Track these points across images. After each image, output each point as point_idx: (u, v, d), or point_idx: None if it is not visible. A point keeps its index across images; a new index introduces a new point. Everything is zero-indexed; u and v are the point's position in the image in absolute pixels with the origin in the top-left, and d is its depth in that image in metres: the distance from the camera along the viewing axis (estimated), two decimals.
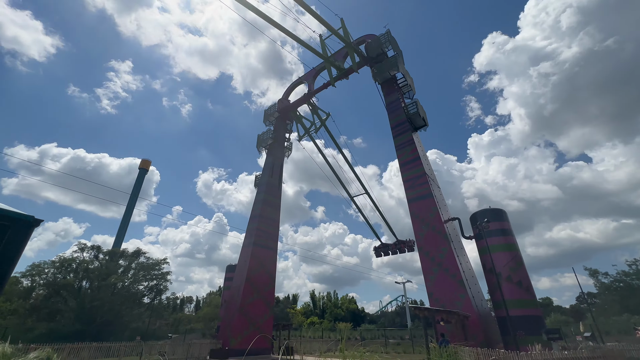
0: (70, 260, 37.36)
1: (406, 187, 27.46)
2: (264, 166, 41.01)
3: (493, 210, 24.72)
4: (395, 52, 34.64)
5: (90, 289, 36.53)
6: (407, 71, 34.97)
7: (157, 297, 43.04)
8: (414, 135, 30.21)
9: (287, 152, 44.37)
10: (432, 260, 23.07)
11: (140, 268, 41.30)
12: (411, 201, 26.43)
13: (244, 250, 33.76)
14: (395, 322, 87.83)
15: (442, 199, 27.88)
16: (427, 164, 28.81)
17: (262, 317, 30.11)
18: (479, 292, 23.49)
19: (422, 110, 31.73)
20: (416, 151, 28.28)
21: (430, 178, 27.35)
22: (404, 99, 33.51)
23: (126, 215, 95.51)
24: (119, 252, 42.83)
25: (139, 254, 42.67)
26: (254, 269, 31.34)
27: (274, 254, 35.11)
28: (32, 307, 34.63)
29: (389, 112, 32.76)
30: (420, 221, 25.10)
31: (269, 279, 32.96)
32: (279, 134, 42.98)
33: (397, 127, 30.98)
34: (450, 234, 23.89)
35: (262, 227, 34.54)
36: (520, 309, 20.68)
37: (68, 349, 19.60)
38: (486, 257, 22.70)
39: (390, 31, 35.20)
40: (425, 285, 23.06)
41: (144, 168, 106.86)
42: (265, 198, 36.68)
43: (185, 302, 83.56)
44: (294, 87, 47.29)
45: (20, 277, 36.52)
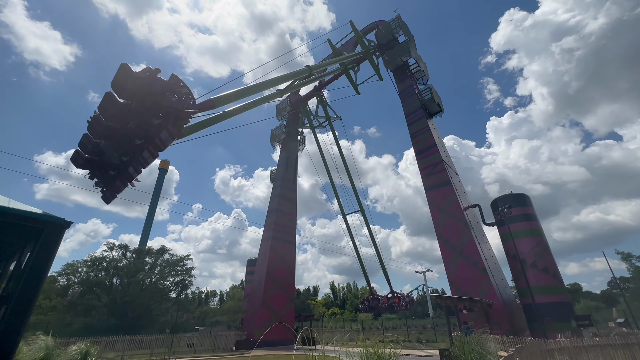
0: (100, 259, 39.31)
1: (423, 175, 26.96)
2: (278, 161, 41.31)
3: (515, 196, 23.91)
4: (407, 37, 33.69)
5: (121, 285, 38.38)
6: (419, 56, 33.98)
7: (182, 292, 44.73)
8: (429, 122, 29.47)
9: (301, 146, 44.44)
10: (453, 249, 22.69)
11: (166, 264, 42.93)
12: (429, 189, 25.96)
13: (263, 245, 34.38)
14: (416, 311, 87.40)
15: (461, 186, 27.21)
16: (444, 151, 28.11)
17: (283, 308, 30.74)
18: (503, 280, 22.95)
19: (437, 96, 30.84)
20: (432, 138, 27.62)
21: (448, 165, 26.70)
22: (418, 85, 32.65)
23: (149, 215, 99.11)
24: (145, 250, 44.65)
25: (164, 251, 44.32)
26: (273, 263, 31.91)
27: (293, 247, 35.58)
28: (69, 303, 36.82)
29: (402, 99, 32.05)
30: (438, 210, 24.65)
31: (289, 272, 33.49)
32: (292, 128, 43.03)
33: (411, 114, 30.30)
34: (470, 222, 23.35)
35: (279, 221, 34.99)
36: (546, 295, 20.08)
37: (104, 342, 20.76)
38: (509, 243, 22.08)
39: (400, 16, 34.20)
40: (447, 274, 22.77)
41: (164, 168, 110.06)
42: (281, 192, 37.04)
43: (209, 296, 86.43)
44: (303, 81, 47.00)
45: (56, 276, 38.82)
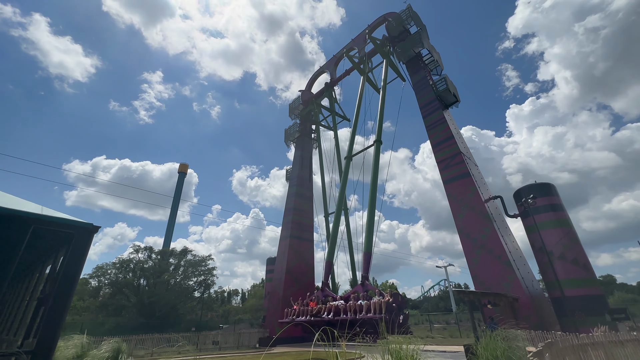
0: (128, 261, 41.00)
1: (440, 168, 26.36)
2: (293, 160, 41.55)
3: (539, 185, 22.98)
4: (418, 27, 32.94)
5: (148, 286, 39.92)
6: (432, 46, 33.15)
7: (206, 291, 45.99)
8: (445, 113, 28.74)
9: (315, 144, 44.49)
10: (474, 242, 22.09)
11: (189, 265, 44.25)
12: (447, 182, 25.36)
13: (282, 243, 34.77)
14: (439, 306, 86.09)
15: (481, 178, 26.43)
16: (461, 142, 27.36)
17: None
18: (529, 273, 22.15)
19: (452, 86, 30.01)
20: (449, 130, 26.93)
21: (466, 156, 25.98)
22: (432, 76, 31.89)
23: (171, 217, 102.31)
24: (169, 251, 46.19)
25: (186, 252, 45.68)
26: (292, 261, 32.22)
27: (311, 245, 35.79)
28: (101, 304, 38.70)
29: (416, 91, 31.40)
30: (458, 202, 24.05)
31: (308, 270, 33.72)
32: (305, 126, 43.13)
33: (426, 106, 29.64)
34: (492, 214, 22.64)
35: (296, 219, 35.25)
36: (577, 288, 19.23)
37: (134, 341, 21.70)
38: (535, 235, 21.26)
39: (411, 6, 33.46)
40: (469, 268, 22.21)
41: (183, 172, 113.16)
42: (297, 191, 37.27)
43: (232, 294, 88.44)
44: (316, 77, 46.97)
45: (88, 278, 40.85)
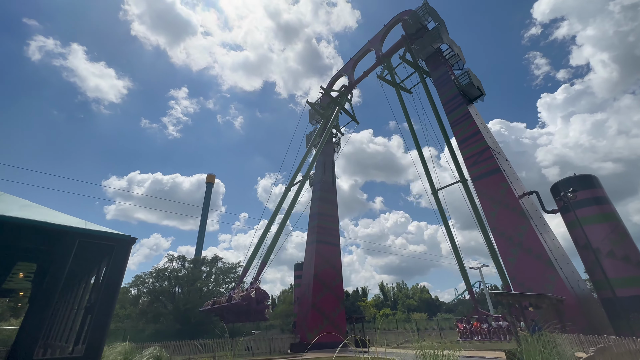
0: (163, 270, 42.93)
1: (468, 165, 25.39)
2: (315, 165, 41.78)
3: (580, 178, 21.40)
4: (436, 22, 32.17)
5: (182, 293, 41.50)
6: (452, 40, 32.21)
7: None
8: (470, 108, 27.71)
9: (337, 148, 44.47)
10: (510, 241, 20.94)
11: (220, 272, 45.54)
12: (476, 179, 24.35)
13: (308, 248, 34.89)
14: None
15: (513, 173, 25.11)
16: (489, 137, 26.22)
17: (334, 311, 30.81)
18: (574, 272, 20.60)
19: (476, 79, 28.91)
20: (475, 125, 25.92)
21: (496, 151, 24.84)
22: (453, 71, 30.94)
23: (202, 226, 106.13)
24: (201, 259, 47.88)
25: (217, 260, 47.08)
26: (320, 265, 32.20)
27: (338, 249, 35.60)
28: (140, 312, 40.70)
29: (437, 88, 30.58)
30: (489, 199, 22.98)
31: (336, 274, 33.53)
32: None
33: (449, 102, 28.76)
34: (528, 210, 21.39)
35: (322, 224, 35.27)
36: (630, 287, 17.59)
37: (172, 346, 22.62)
38: (577, 231, 19.78)
39: (427, 2, 32.78)
40: (505, 269, 21.06)
41: (210, 182, 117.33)
42: (321, 196, 37.34)
43: None
44: (334, 81, 47.13)
45: (128, 287, 43.21)
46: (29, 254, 14.33)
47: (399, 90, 35.20)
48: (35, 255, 14.42)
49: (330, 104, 43.74)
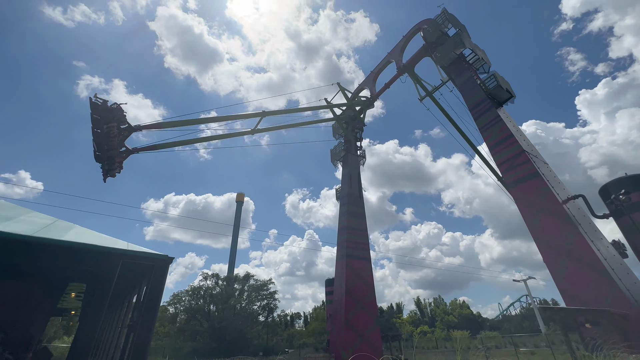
0: (198, 289, 44.23)
1: (502, 170, 24.10)
2: (341, 178, 41.72)
3: (632, 178, 19.47)
4: (457, 28, 31.68)
5: (217, 311, 42.32)
6: (475, 45, 31.47)
7: (270, 315, 47.08)
8: (500, 111, 26.56)
9: (362, 160, 44.26)
10: (557, 250, 19.29)
11: (252, 290, 46.09)
12: (512, 185, 22.99)
13: (339, 264, 34.39)
14: (523, 327, 75.49)
15: (554, 176, 23.42)
16: (523, 140, 24.84)
17: (368, 328, 29.76)
18: (637, 284, 18.42)
19: (504, 81, 27.82)
20: (506, 128, 24.72)
21: (532, 154, 23.41)
22: (478, 75, 30.06)
23: (233, 244, 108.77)
24: (233, 277, 48.85)
25: (249, 277, 47.81)
26: (351, 281, 31.52)
27: (369, 264, 34.74)
28: (178, 330, 41.93)
29: (463, 94, 29.75)
30: (529, 206, 21.50)
31: (368, 289, 32.59)
32: (350, 144, 43.34)
33: (476, 107, 27.80)
34: (574, 216, 19.70)
35: (351, 238, 34.77)
36: None
37: None
38: (636, 237, 17.83)
39: (446, 9, 32.52)
40: (554, 281, 19.31)
41: (240, 201, 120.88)
42: (349, 209, 37.00)
43: (294, 318, 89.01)
44: (356, 95, 47.49)
45: (167, 306, 44.84)
46: (80, 275, 15.46)
47: (432, 95, 35.15)
48: (85, 276, 15.52)
49: (353, 118, 43.99)
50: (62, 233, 9.99)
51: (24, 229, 11.40)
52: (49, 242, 9.06)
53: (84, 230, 12.51)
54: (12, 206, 18.35)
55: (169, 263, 9.40)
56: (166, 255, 9.05)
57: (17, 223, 12.86)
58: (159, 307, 6.96)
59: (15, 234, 9.54)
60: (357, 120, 44.52)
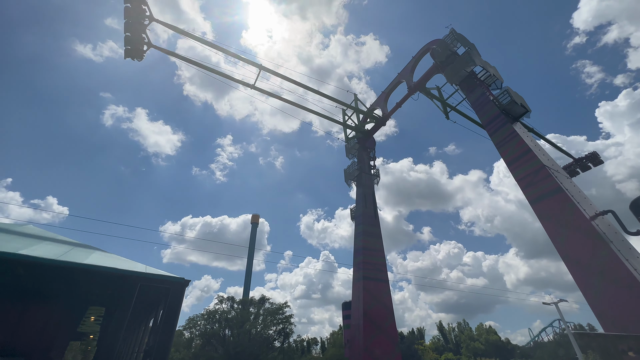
0: (213, 312, 43.78)
1: (522, 186, 23.31)
2: (356, 198, 41.43)
3: None
4: (466, 47, 32.05)
5: (232, 336, 41.51)
6: (486, 62, 31.59)
7: (285, 341, 45.70)
8: (516, 127, 26.11)
9: (376, 179, 43.99)
10: (588, 270, 18.09)
11: (267, 313, 45.18)
12: (534, 202, 22.11)
13: (355, 286, 33.42)
14: (558, 355, 69.68)
15: (579, 191, 22.42)
16: (543, 154, 24.15)
17: (389, 355, 28.29)
18: None
19: (518, 97, 27.54)
20: (523, 143, 24.17)
21: (553, 169, 22.63)
22: (491, 91, 29.93)
23: (248, 267, 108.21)
24: (248, 300, 48.22)
25: (264, 301, 47.06)
26: (369, 304, 30.43)
27: (387, 285, 33.59)
28: (193, 355, 41.22)
29: (476, 110, 29.57)
30: (554, 223, 20.50)
31: (387, 313, 31.29)
32: (364, 163, 43.36)
33: (490, 123, 27.47)
34: (605, 233, 18.59)
35: (367, 259, 33.94)
36: None
37: None
38: None
39: (454, 29, 33.10)
40: (589, 304, 17.97)
41: (255, 222, 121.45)
42: (364, 229, 36.40)
43: (311, 344, 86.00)
44: (368, 115, 48.05)
45: (182, 330, 44.46)
46: (99, 298, 15.70)
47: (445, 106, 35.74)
48: (104, 299, 15.74)
49: (366, 137, 44.33)
50: (84, 256, 10.29)
51: (49, 252, 11.83)
52: (71, 265, 9.33)
53: (105, 254, 12.84)
54: (40, 231, 19.20)
55: (185, 286, 9.44)
56: (182, 278, 9.11)
57: (43, 247, 13.38)
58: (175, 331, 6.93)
59: (40, 258, 9.91)
60: (370, 139, 44.76)
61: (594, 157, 30.17)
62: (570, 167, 32.80)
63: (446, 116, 39.22)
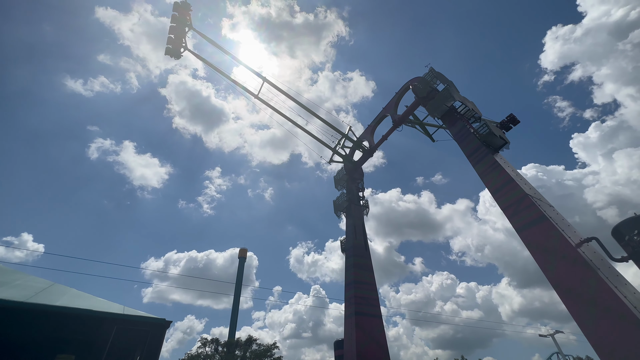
0: (196, 357, 40.57)
1: (508, 215, 23.76)
2: (346, 229, 41.06)
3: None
4: (445, 84, 34.16)
5: None
6: (464, 97, 33.59)
7: None
8: (497, 157, 27.20)
9: (365, 210, 44.03)
10: (580, 299, 18.00)
11: (255, 356, 42.16)
12: (521, 230, 22.44)
13: (347, 322, 31.97)
14: None
15: (562, 219, 22.96)
16: (525, 184, 24.97)
17: None
18: None
19: (496, 129, 29.03)
20: (505, 173, 25.05)
21: (535, 198, 23.30)
22: (471, 124, 31.48)
23: (235, 305, 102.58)
24: (234, 342, 45.08)
25: (251, 342, 44.12)
26: (362, 342, 28.94)
27: (380, 321, 32.28)
28: None
29: (458, 142, 30.83)
30: (542, 251, 20.68)
31: (382, 351, 29.73)
32: (352, 194, 43.61)
33: (473, 154, 28.57)
34: (592, 260, 18.80)
35: (359, 293, 32.88)
36: None
37: None
38: None
39: (433, 68, 35.46)
40: (585, 335, 17.63)
41: (243, 256, 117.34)
42: (355, 262, 35.68)
43: None
44: (355, 148, 49.24)
45: None
46: (68, 345, 14.37)
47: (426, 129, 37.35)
48: (75, 345, 14.41)
49: (354, 168, 45.05)
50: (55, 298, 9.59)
51: (18, 294, 10.96)
52: (39, 308, 8.63)
53: (79, 293, 12.00)
54: (12, 271, 17.93)
55: (166, 328, 8.82)
56: (163, 319, 8.54)
57: (12, 289, 12.41)
58: None
59: (6, 301, 9.14)
60: (358, 170, 45.48)
61: (512, 119, 34.05)
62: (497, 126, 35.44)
63: (431, 139, 41.29)
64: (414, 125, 40.92)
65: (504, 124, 34.19)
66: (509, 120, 34.10)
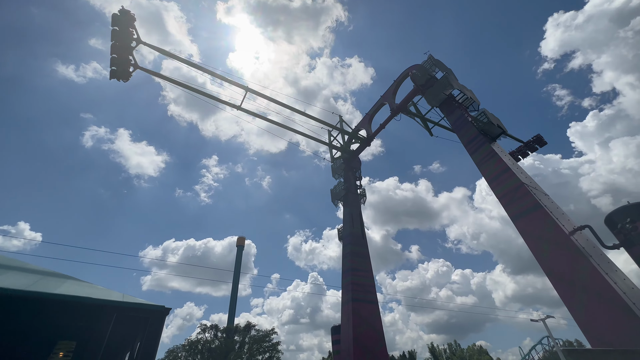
0: (195, 343, 41.37)
1: (504, 203, 23.99)
2: (343, 218, 41.34)
3: (636, 205, 19.33)
4: (444, 72, 33.79)
5: None
6: (463, 86, 33.30)
7: None
8: (494, 146, 27.24)
9: (363, 199, 44.25)
10: (571, 285, 18.43)
11: (253, 341, 43.07)
12: (516, 218, 22.71)
13: (344, 309, 32.63)
14: None
15: (557, 207, 23.25)
16: (521, 172, 25.12)
17: None
18: None
19: (494, 117, 28.95)
20: (502, 162, 25.16)
21: (531, 187, 23.50)
22: (469, 113, 31.36)
23: (233, 292, 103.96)
24: (233, 328, 45.93)
25: (250, 328, 44.98)
26: (358, 328, 29.62)
27: (376, 307, 32.96)
28: None
29: (456, 131, 30.78)
30: (536, 239, 21.01)
31: (378, 337, 30.49)
32: (350, 183, 43.70)
33: (470, 143, 28.57)
34: (584, 247, 19.16)
35: (356, 280, 33.42)
36: None
37: None
38: None
39: (432, 55, 34.98)
40: (575, 319, 18.15)
41: (241, 245, 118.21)
42: (352, 250, 36.10)
43: None
44: (353, 135, 49.04)
45: None
46: (70, 331, 14.59)
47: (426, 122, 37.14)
48: (76, 332, 14.64)
49: (352, 157, 44.99)
50: (55, 286, 9.66)
51: (17, 283, 11.02)
52: (40, 295, 8.70)
53: (78, 282, 12.08)
54: (9, 259, 17.96)
55: (165, 314, 8.96)
56: (162, 306, 8.66)
57: (11, 277, 12.47)
58: None
59: (6, 289, 9.19)
60: (356, 159, 45.43)
61: (538, 140, 33.73)
62: (520, 150, 35.58)
63: (429, 133, 40.94)
64: (413, 117, 40.66)
65: (530, 144, 33.09)
66: (535, 141, 32.90)
